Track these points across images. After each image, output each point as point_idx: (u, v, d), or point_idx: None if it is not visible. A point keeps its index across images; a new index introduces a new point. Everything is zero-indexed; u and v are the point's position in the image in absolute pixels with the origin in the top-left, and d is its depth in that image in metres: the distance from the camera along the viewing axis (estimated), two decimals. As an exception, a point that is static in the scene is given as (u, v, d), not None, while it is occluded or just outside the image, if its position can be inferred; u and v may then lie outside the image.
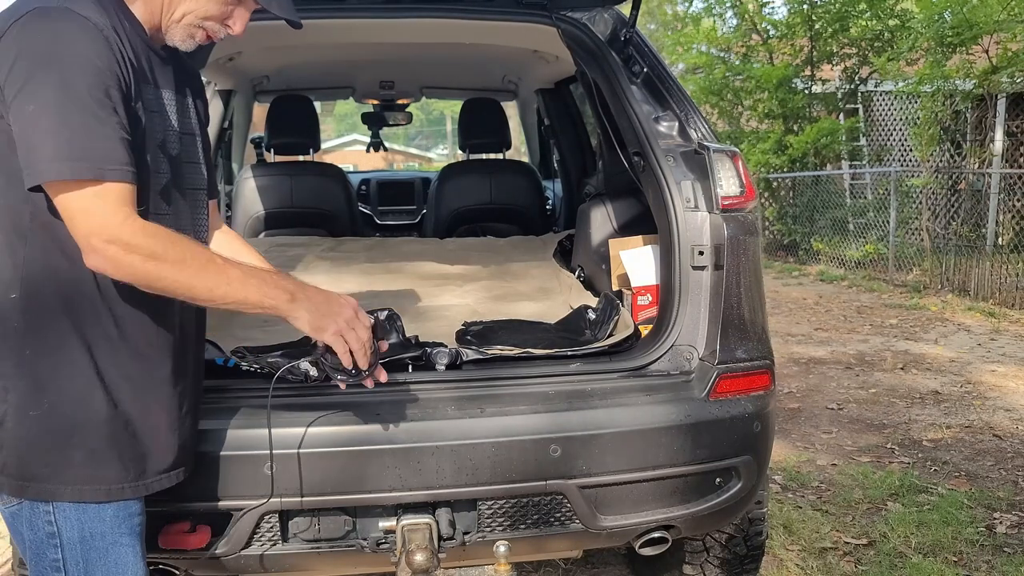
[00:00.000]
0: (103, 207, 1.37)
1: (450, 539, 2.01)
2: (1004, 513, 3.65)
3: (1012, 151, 11.33)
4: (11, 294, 1.47)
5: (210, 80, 3.79)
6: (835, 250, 11.91)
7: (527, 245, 3.78)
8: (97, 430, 1.51)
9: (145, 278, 1.42)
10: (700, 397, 2.13)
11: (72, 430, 1.49)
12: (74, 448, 1.49)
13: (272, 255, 3.41)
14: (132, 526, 1.57)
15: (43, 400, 1.48)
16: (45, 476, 1.49)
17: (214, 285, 1.46)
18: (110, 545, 1.53)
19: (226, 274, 1.48)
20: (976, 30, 9.57)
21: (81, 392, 1.50)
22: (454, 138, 14.41)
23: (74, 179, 1.36)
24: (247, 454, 1.88)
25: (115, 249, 1.38)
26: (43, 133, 1.36)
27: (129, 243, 1.38)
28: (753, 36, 14.17)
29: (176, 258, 1.42)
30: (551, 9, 2.58)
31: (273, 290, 1.52)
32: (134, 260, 1.39)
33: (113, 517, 1.54)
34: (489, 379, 2.12)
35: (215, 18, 1.60)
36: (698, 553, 2.58)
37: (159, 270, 1.41)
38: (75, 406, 1.49)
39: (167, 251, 1.41)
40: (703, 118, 2.43)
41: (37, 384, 1.48)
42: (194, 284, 1.45)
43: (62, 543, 1.51)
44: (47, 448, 1.49)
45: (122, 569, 1.55)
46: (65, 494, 1.49)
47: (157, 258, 1.40)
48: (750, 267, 2.23)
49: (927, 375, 6.09)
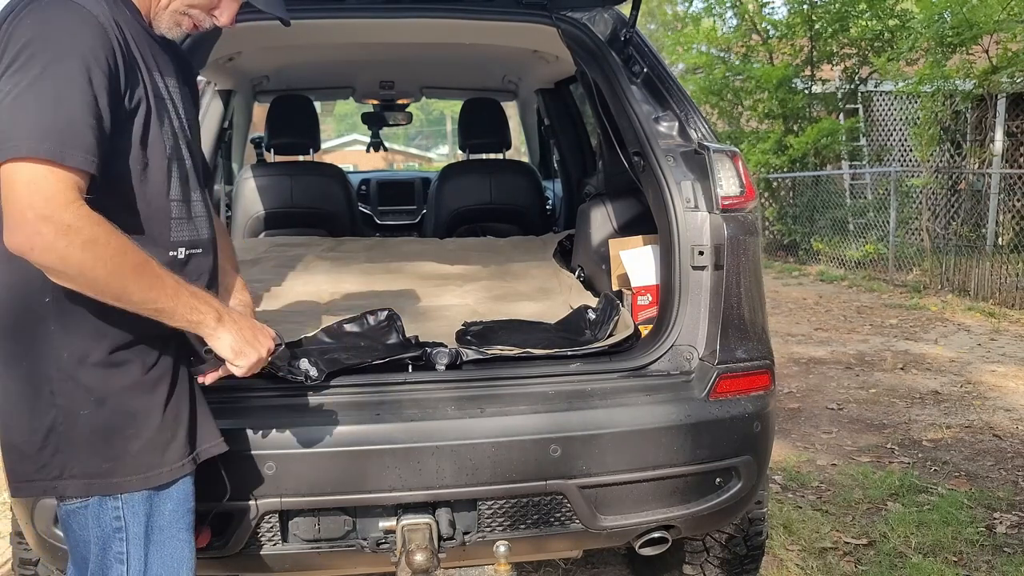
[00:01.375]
0: (52, 184, 1.31)
1: (450, 539, 2.01)
2: (1004, 513, 3.65)
3: (1012, 151, 11.34)
4: (45, 298, 1.47)
5: (210, 80, 3.79)
6: (835, 250, 11.91)
7: (527, 245, 3.78)
8: (150, 418, 1.54)
9: (77, 266, 1.34)
10: (700, 397, 2.13)
11: (125, 422, 1.51)
12: (130, 439, 1.52)
13: (272, 255, 3.42)
14: (188, 522, 1.63)
15: (90, 398, 1.49)
16: (109, 471, 1.51)
17: (148, 288, 1.41)
18: (168, 539, 1.59)
19: (161, 280, 1.44)
20: (976, 30, 9.57)
21: (125, 385, 1.51)
22: (454, 138, 14.41)
23: (31, 156, 1.31)
24: (247, 454, 1.88)
25: (49, 228, 1.30)
26: (15, 113, 1.34)
27: (70, 224, 1.31)
28: (753, 36, 14.17)
29: (116, 249, 1.37)
30: (551, 9, 2.58)
31: (204, 306, 1.51)
32: (71, 243, 1.31)
33: (172, 512, 1.59)
34: (489, 379, 2.12)
35: (201, 7, 1.62)
36: (698, 553, 2.58)
37: (95, 260, 1.34)
38: (122, 398, 1.51)
39: (109, 240, 1.36)
40: (703, 118, 2.43)
41: (79, 384, 1.49)
42: (127, 283, 1.39)
43: (128, 536, 1.54)
44: (105, 444, 1.50)
45: (178, 562, 1.61)
46: (132, 484, 1.52)
47: (97, 245, 1.34)
48: (750, 267, 2.23)
49: (927, 375, 6.09)
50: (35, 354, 1.49)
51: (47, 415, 1.49)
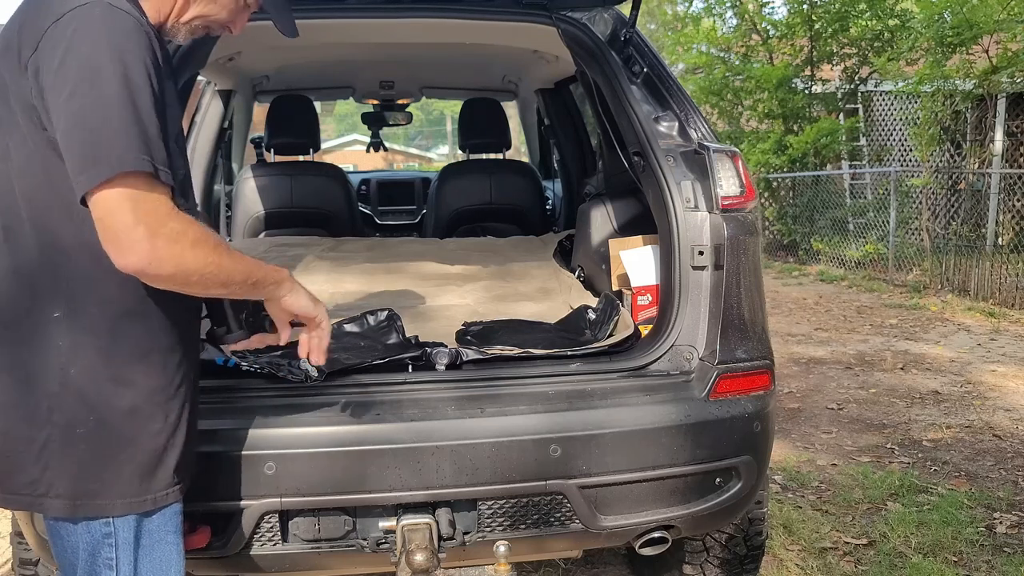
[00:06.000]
0: (155, 200, 1.37)
1: (450, 539, 2.01)
2: (1004, 513, 3.65)
3: (1012, 151, 11.35)
4: (54, 313, 1.46)
5: (210, 80, 3.78)
6: (835, 250, 11.91)
7: (527, 245, 3.78)
8: (147, 443, 1.52)
9: (193, 268, 1.41)
10: (700, 397, 2.13)
11: (121, 446, 1.50)
12: (124, 464, 1.50)
13: (272, 255, 3.42)
14: (176, 524, 1.62)
15: (90, 417, 1.47)
16: (96, 492, 1.49)
17: (243, 266, 1.52)
18: (156, 543, 1.58)
19: (242, 256, 1.54)
20: (976, 30, 9.58)
21: (129, 406, 1.50)
22: (454, 138, 14.40)
23: (137, 170, 1.34)
24: (247, 454, 1.88)
25: (163, 240, 1.36)
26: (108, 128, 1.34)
27: (178, 231, 1.38)
28: (753, 36, 14.18)
29: (213, 244, 1.45)
30: (551, 9, 2.58)
31: (274, 270, 1.63)
32: (183, 249, 1.38)
33: (161, 516, 1.58)
34: (489, 379, 2.12)
35: (220, 22, 1.68)
36: (698, 553, 2.58)
37: (205, 258, 1.42)
38: (123, 421, 1.49)
39: (206, 237, 1.43)
40: (703, 118, 2.43)
41: (83, 401, 1.47)
42: (229, 267, 1.48)
43: (117, 543, 1.53)
44: (97, 465, 1.49)
45: (166, 565, 1.61)
46: (116, 508, 1.51)
47: (200, 245, 1.41)
48: (750, 267, 2.23)
49: (927, 375, 6.09)
50: (38, 368, 1.46)
51: (42, 431, 1.47)
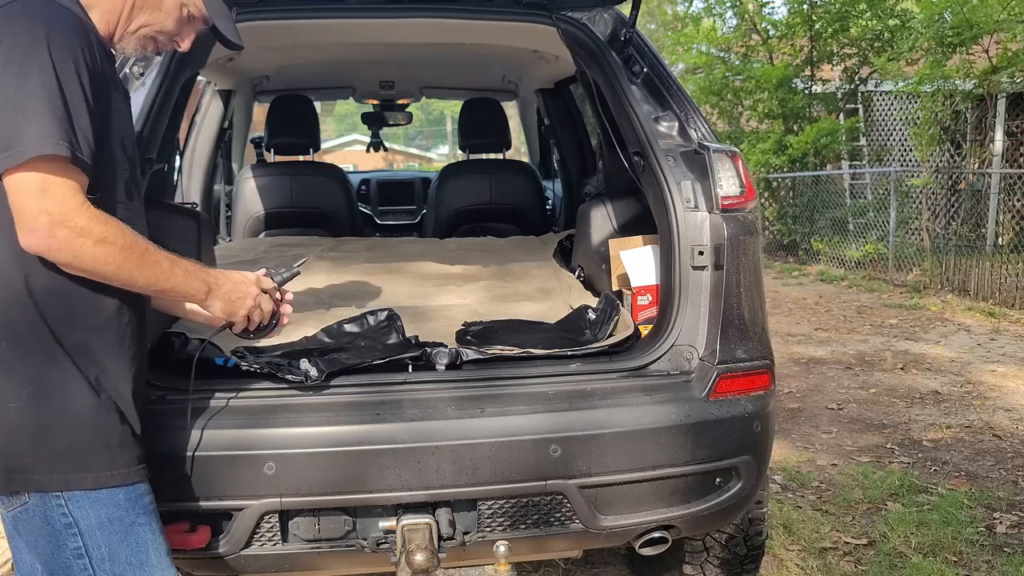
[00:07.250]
0: (65, 190, 1.43)
1: (450, 539, 2.01)
2: (1004, 513, 3.65)
3: (1012, 151, 11.35)
4: None
5: (210, 80, 3.79)
6: (835, 250, 11.91)
7: (527, 245, 3.78)
8: (80, 420, 1.53)
9: (90, 262, 1.47)
10: (700, 397, 2.13)
11: (53, 421, 1.51)
12: (56, 439, 1.51)
13: (272, 255, 3.42)
14: (144, 506, 1.62)
15: (22, 392, 1.49)
16: (29, 467, 1.50)
17: (150, 274, 1.56)
18: (128, 527, 1.58)
19: (160, 264, 1.58)
20: (976, 30, 9.58)
21: (61, 382, 1.52)
22: (454, 138, 14.40)
23: (53, 154, 1.40)
24: (247, 454, 1.88)
25: (65, 231, 1.42)
26: (29, 113, 1.40)
27: (83, 227, 1.43)
28: (753, 36, 14.18)
29: (123, 245, 1.50)
30: (551, 9, 2.58)
31: (196, 281, 1.67)
32: (84, 244, 1.44)
33: (126, 500, 1.58)
34: (489, 379, 2.12)
35: (167, 33, 1.72)
36: (698, 553, 2.58)
37: (106, 256, 1.47)
38: (56, 396, 1.51)
39: (116, 238, 1.48)
40: (703, 118, 2.43)
41: (14, 376, 1.50)
42: (133, 272, 1.52)
43: (80, 531, 1.54)
44: (30, 440, 1.50)
45: (144, 547, 1.60)
46: (51, 483, 1.51)
47: (106, 244, 1.47)
48: (750, 267, 2.23)
49: (927, 375, 6.09)
50: None
51: None
